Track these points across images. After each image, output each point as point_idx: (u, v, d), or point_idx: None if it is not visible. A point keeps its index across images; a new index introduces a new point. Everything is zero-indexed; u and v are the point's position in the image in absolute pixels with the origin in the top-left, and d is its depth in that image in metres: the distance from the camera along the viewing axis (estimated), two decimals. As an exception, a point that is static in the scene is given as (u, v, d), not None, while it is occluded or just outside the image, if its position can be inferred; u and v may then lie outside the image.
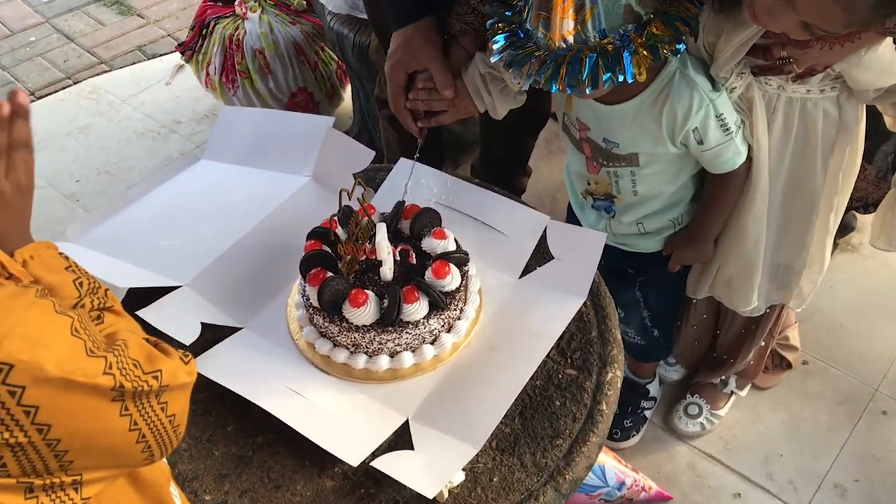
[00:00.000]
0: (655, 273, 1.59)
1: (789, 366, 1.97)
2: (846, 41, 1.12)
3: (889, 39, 1.13)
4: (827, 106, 1.29)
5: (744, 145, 1.31)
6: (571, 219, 1.60)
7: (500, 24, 1.20)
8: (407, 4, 1.36)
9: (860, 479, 1.81)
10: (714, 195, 1.42)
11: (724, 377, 1.87)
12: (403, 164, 1.47)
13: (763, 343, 1.77)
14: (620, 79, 1.08)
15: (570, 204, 1.62)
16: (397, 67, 1.36)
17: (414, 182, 1.44)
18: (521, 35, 1.16)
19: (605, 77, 1.08)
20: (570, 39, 1.09)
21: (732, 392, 1.89)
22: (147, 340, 0.78)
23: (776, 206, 1.42)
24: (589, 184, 1.46)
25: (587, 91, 1.10)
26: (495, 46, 1.18)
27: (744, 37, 1.18)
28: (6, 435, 0.63)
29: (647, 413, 1.88)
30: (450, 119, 1.40)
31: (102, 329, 0.77)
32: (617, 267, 1.58)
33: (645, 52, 1.08)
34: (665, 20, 1.10)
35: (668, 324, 1.76)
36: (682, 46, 1.10)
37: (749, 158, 1.33)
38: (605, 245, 1.48)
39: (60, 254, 0.81)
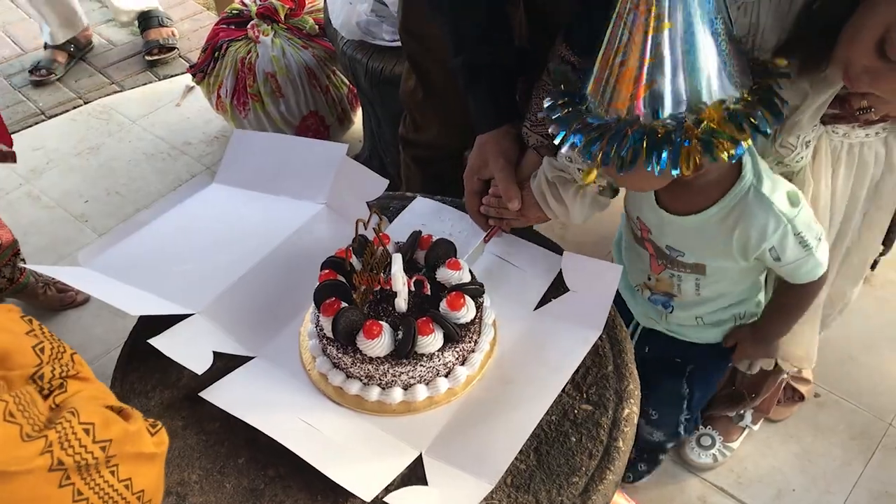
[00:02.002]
0: (706, 364, 1.51)
1: (801, 398, 1.95)
2: None
3: None
4: (878, 147, 1.27)
5: (825, 256, 1.23)
6: (618, 300, 1.41)
7: (561, 86, 1.10)
8: (488, 111, 1.37)
9: (875, 515, 1.79)
10: (789, 301, 1.34)
11: (741, 411, 1.85)
12: (419, 201, 1.47)
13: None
14: (658, 168, 0.96)
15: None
16: (471, 172, 1.37)
17: (427, 216, 1.43)
18: (577, 100, 1.06)
19: (645, 161, 0.96)
20: (622, 112, 0.99)
21: (747, 426, 1.87)
22: (111, 408, 0.74)
23: (834, 265, 1.36)
24: (649, 279, 1.39)
25: (622, 171, 0.98)
26: (546, 104, 1.09)
27: (829, 95, 1.14)
28: None
29: (662, 456, 1.82)
30: (519, 225, 1.37)
31: (64, 398, 0.73)
32: (664, 355, 1.49)
33: (697, 146, 0.96)
34: (731, 117, 0.97)
35: (696, 420, 1.70)
36: (741, 150, 0.98)
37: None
38: (654, 331, 1.41)
39: (23, 317, 0.77)
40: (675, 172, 0.96)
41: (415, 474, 1.07)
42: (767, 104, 0.99)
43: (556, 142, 1.05)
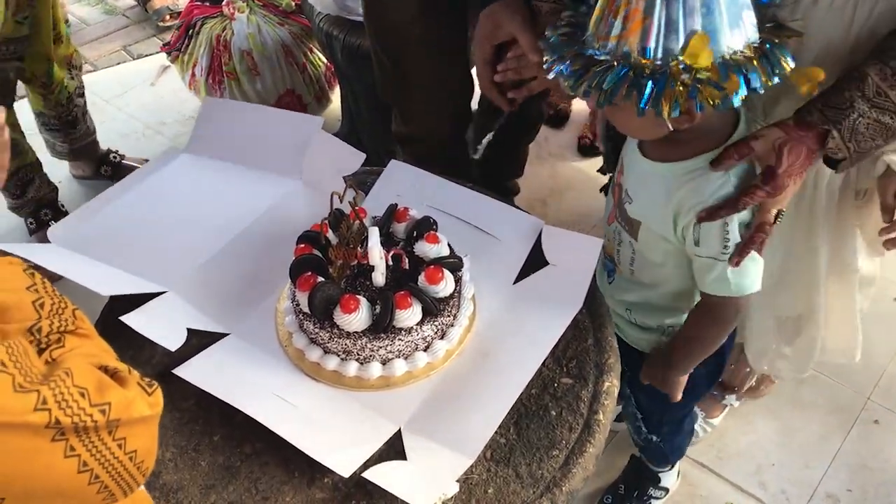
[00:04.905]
0: (638, 373, 1.40)
1: (781, 373, 1.95)
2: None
3: None
4: None
5: (739, 280, 1.13)
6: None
7: (568, 17, 1.09)
8: None
9: (853, 489, 1.80)
10: (694, 324, 1.26)
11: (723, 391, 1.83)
12: (393, 166, 1.45)
13: None
14: (637, 106, 0.95)
15: None
16: (485, 40, 1.34)
17: (406, 184, 1.42)
18: (579, 31, 1.04)
19: (624, 96, 0.95)
20: (614, 46, 0.97)
21: (729, 403, 1.88)
22: (106, 368, 0.72)
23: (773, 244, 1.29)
24: (605, 235, 1.33)
25: (601, 105, 0.98)
26: (549, 37, 1.06)
27: None
28: None
29: (655, 503, 1.78)
30: (540, 86, 1.36)
31: (61, 353, 0.72)
32: None
33: (681, 89, 0.93)
34: (723, 66, 0.95)
35: (667, 434, 1.58)
36: (730, 102, 0.95)
37: (742, 303, 1.17)
38: None
39: (26, 270, 0.76)
40: (658, 113, 0.94)
41: (393, 449, 1.06)
42: (767, 61, 0.97)
43: (546, 68, 1.05)
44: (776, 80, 0.97)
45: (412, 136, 1.85)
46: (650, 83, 0.94)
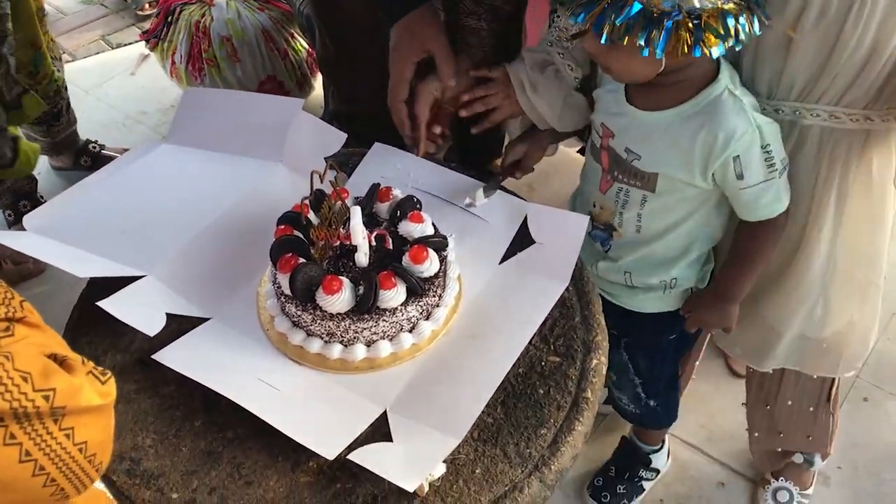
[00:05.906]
0: (641, 336, 1.45)
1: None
2: None
3: None
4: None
5: (786, 191, 1.19)
6: None
7: None
8: None
9: (843, 466, 1.80)
10: (747, 250, 1.26)
11: (807, 457, 1.69)
12: (377, 148, 1.43)
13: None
14: (647, 50, 1.00)
15: None
16: (404, 59, 1.28)
17: (390, 167, 1.39)
18: None
19: (639, 35, 1.00)
20: None
21: (816, 469, 1.75)
22: (55, 357, 0.69)
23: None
24: (594, 205, 1.34)
25: (604, 40, 1.02)
26: None
27: None
28: None
29: (645, 485, 1.75)
30: (503, 115, 1.34)
31: (9, 342, 0.68)
32: None
33: (686, 35, 1.00)
34: (721, 16, 1.01)
35: (666, 394, 1.59)
36: (721, 50, 1.02)
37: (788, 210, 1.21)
38: None
39: None
40: (659, 55, 1.01)
41: (379, 431, 1.04)
42: (753, 11, 1.04)
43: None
44: (759, 29, 1.05)
45: (354, 115, 1.80)
46: (657, 28, 0.99)
